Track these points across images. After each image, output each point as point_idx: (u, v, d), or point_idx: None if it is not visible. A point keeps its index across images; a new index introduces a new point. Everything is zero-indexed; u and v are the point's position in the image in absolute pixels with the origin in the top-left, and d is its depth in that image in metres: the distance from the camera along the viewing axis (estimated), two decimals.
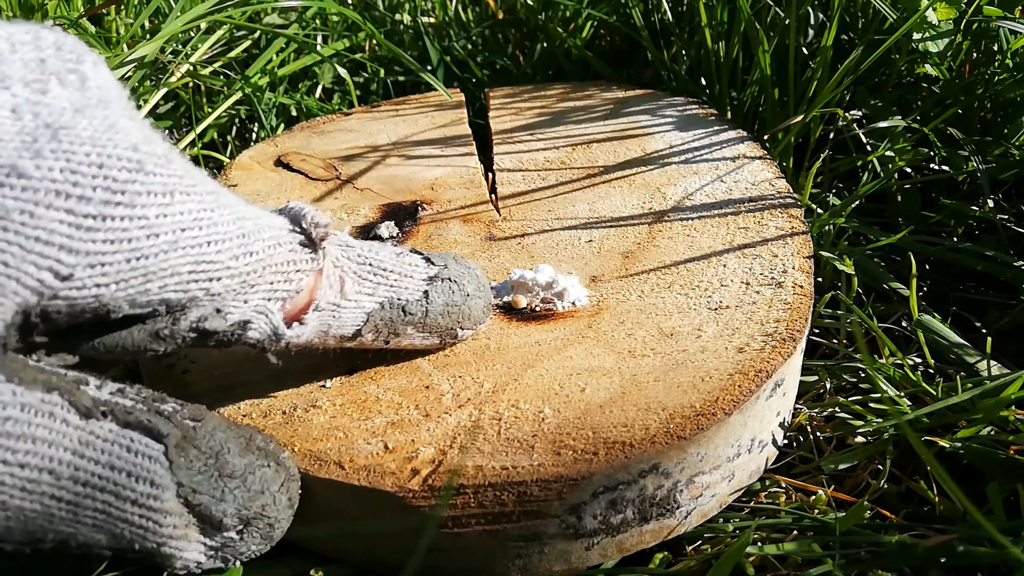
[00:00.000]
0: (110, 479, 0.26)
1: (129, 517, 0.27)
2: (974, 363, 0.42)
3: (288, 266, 0.30)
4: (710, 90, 0.62)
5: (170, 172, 0.26)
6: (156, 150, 0.26)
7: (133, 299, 0.26)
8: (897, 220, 0.54)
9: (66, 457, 0.25)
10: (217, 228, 0.27)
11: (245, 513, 0.29)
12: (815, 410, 0.40)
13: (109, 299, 0.25)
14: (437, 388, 0.35)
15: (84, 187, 0.24)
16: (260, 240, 0.29)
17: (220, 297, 0.28)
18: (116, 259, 0.25)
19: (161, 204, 0.26)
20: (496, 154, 0.54)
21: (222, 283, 0.28)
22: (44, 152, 0.24)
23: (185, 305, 0.27)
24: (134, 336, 0.27)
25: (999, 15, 0.52)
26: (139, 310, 0.26)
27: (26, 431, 0.24)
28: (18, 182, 0.23)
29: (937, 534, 0.32)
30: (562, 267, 0.42)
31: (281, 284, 0.30)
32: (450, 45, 0.73)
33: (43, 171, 0.24)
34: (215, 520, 0.28)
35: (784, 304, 0.38)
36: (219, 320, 0.28)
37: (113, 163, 0.25)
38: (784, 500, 0.37)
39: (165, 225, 0.26)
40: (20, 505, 0.25)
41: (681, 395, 0.33)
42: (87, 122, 0.25)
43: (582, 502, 0.31)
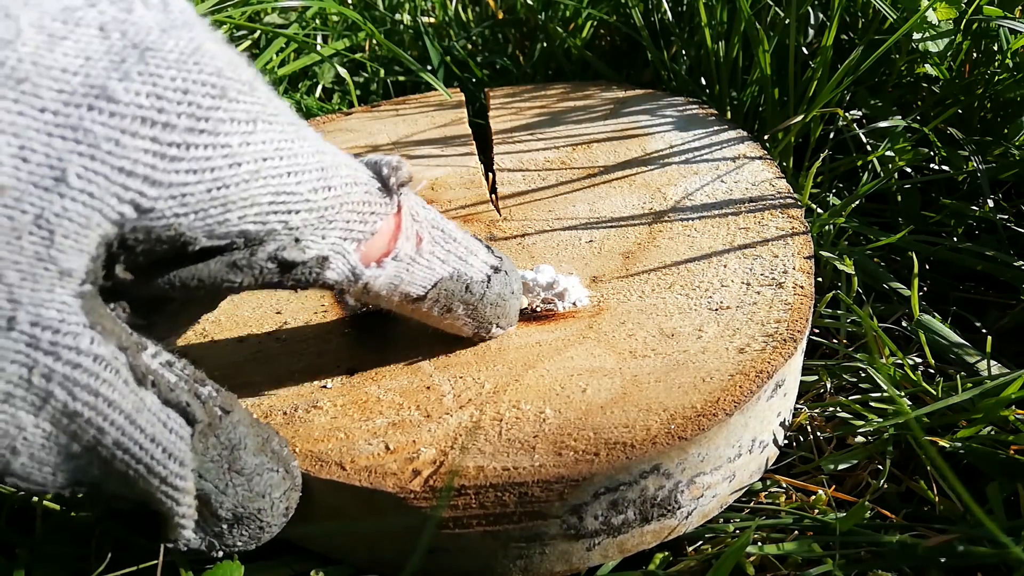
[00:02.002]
0: (148, 451, 0.26)
1: (156, 489, 0.27)
2: (974, 363, 0.42)
3: (364, 207, 0.29)
4: (710, 90, 0.62)
5: (254, 99, 0.26)
6: (241, 75, 0.26)
7: (211, 230, 0.25)
8: (897, 220, 0.54)
9: (119, 420, 0.25)
10: (297, 159, 0.27)
11: (240, 511, 0.29)
12: (815, 410, 0.40)
13: (187, 229, 0.25)
14: (438, 389, 0.35)
15: (169, 114, 0.24)
16: (338, 176, 0.28)
17: (298, 231, 0.27)
18: (197, 189, 0.25)
19: (244, 132, 0.25)
20: (496, 154, 0.54)
21: (300, 216, 0.27)
22: (132, 74, 0.23)
23: (263, 239, 0.27)
24: (211, 268, 0.26)
25: (999, 15, 0.52)
26: (216, 242, 0.26)
27: (92, 383, 0.24)
28: (107, 106, 0.23)
29: (937, 534, 0.32)
30: (563, 267, 0.42)
31: (357, 224, 0.29)
32: (450, 45, 0.73)
33: (131, 95, 0.23)
34: (212, 508, 0.28)
35: (785, 304, 0.38)
36: (297, 251, 0.28)
37: (198, 89, 0.24)
38: (784, 500, 0.37)
39: (247, 154, 0.25)
40: (70, 449, 0.25)
41: (682, 396, 0.33)
42: (173, 43, 0.24)
43: (583, 503, 0.31)
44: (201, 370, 0.29)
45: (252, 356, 0.37)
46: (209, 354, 0.38)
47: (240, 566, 0.32)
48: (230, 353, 0.38)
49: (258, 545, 0.30)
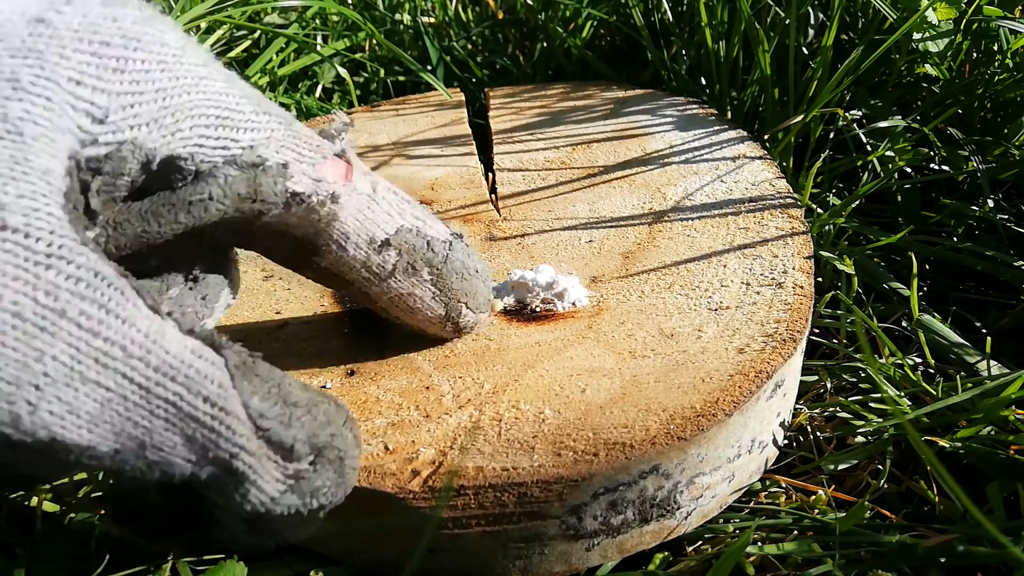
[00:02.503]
0: (180, 370, 0.23)
1: (200, 415, 0.24)
2: (974, 363, 0.42)
3: (308, 138, 0.31)
4: (710, 90, 0.62)
5: (178, 34, 0.28)
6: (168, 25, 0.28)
7: (168, 142, 0.26)
8: (897, 220, 0.54)
9: (138, 337, 0.23)
10: (233, 82, 0.29)
11: (315, 441, 0.26)
12: (815, 410, 0.40)
13: (146, 140, 0.26)
14: (437, 389, 0.35)
15: (104, 34, 0.25)
16: (274, 108, 0.30)
17: (251, 147, 0.28)
18: (144, 98, 0.26)
19: (176, 52, 0.27)
20: (496, 154, 0.54)
21: (249, 135, 0.28)
22: (63, 9, 0.25)
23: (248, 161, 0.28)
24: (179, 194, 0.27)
25: (999, 15, 0.52)
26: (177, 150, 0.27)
27: (100, 298, 0.22)
28: (46, 30, 0.25)
29: (937, 534, 0.32)
30: (562, 267, 0.42)
31: (306, 150, 0.30)
32: (450, 45, 0.73)
33: (66, 19, 0.25)
34: (286, 446, 0.25)
35: (784, 304, 0.38)
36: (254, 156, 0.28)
37: (126, 15, 0.26)
38: (784, 500, 0.37)
39: (183, 69, 0.27)
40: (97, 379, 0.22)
41: (681, 396, 0.33)
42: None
43: (582, 503, 0.31)
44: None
45: None
46: None
47: (243, 566, 0.32)
48: None
49: (345, 492, 0.27)
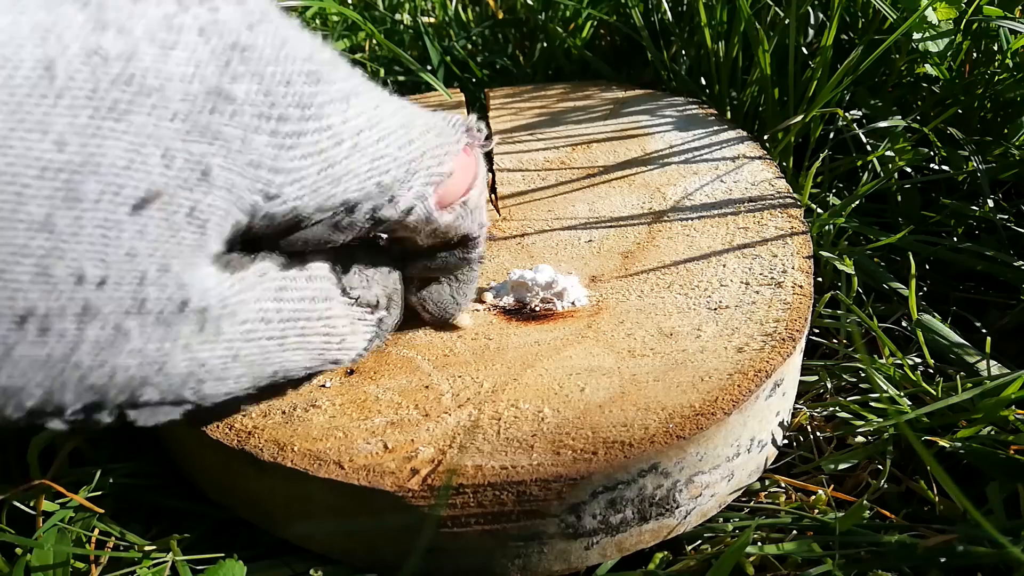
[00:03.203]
0: (301, 308, 0.30)
1: (318, 330, 0.31)
2: (974, 363, 0.42)
3: (438, 149, 0.32)
4: (710, 90, 0.62)
5: (342, 76, 0.28)
6: (325, 56, 0.28)
7: (321, 204, 0.28)
8: (897, 220, 0.54)
9: (271, 305, 0.29)
10: (384, 124, 0.29)
11: (387, 291, 0.34)
12: (815, 410, 0.40)
13: (303, 208, 0.27)
14: (436, 388, 0.35)
15: (281, 107, 0.26)
16: (416, 128, 0.31)
17: (390, 188, 0.30)
18: (311, 172, 0.27)
19: (341, 110, 0.28)
20: (496, 154, 0.54)
21: (391, 174, 0.30)
22: (240, 73, 0.25)
23: (360, 200, 0.29)
24: (314, 231, 0.29)
25: (999, 15, 0.52)
26: (324, 214, 0.28)
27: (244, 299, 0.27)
28: (228, 107, 0.25)
29: (937, 534, 0.32)
30: (562, 267, 0.42)
31: (435, 167, 0.31)
32: (450, 45, 0.73)
33: (245, 93, 0.25)
34: (371, 304, 0.33)
35: (784, 304, 0.38)
36: (391, 209, 0.30)
37: (297, 78, 0.26)
38: (784, 500, 0.37)
39: (347, 131, 0.28)
40: (246, 353, 0.28)
41: (680, 395, 0.33)
42: (263, 39, 0.26)
43: (581, 502, 0.31)
44: None
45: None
46: None
47: (242, 565, 0.32)
48: None
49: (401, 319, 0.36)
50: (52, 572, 0.33)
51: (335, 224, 0.29)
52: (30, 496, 0.36)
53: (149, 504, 0.38)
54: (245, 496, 0.35)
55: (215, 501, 0.36)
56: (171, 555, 0.33)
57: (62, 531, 0.34)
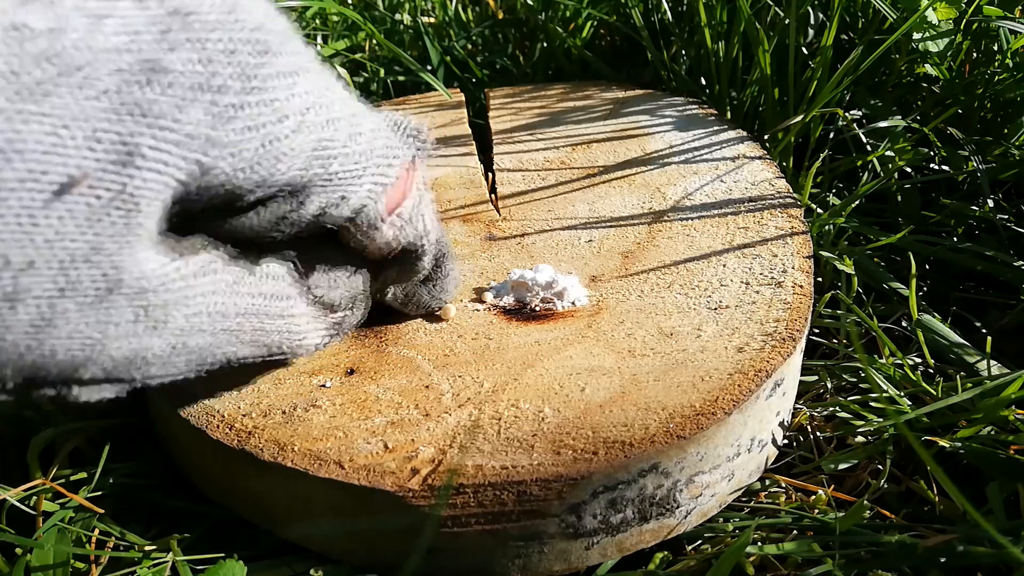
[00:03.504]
0: (260, 304, 0.30)
1: (277, 328, 0.31)
2: (974, 363, 0.42)
3: (388, 151, 0.31)
4: (710, 90, 0.62)
5: (293, 49, 0.27)
6: (278, 26, 0.27)
7: (262, 181, 0.27)
8: (897, 220, 0.54)
9: (226, 299, 0.28)
10: (333, 108, 0.28)
11: (352, 292, 0.34)
12: (815, 410, 0.40)
13: (242, 182, 0.26)
14: (437, 388, 0.35)
15: (222, 76, 0.25)
16: (366, 122, 0.30)
17: (338, 177, 0.29)
18: (251, 145, 0.26)
19: (288, 85, 0.27)
20: (496, 154, 0.54)
21: (339, 162, 0.29)
22: (179, 43, 0.24)
23: (306, 186, 0.28)
24: (261, 218, 0.29)
25: (999, 15, 0.52)
26: (265, 191, 0.27)
27: (196, 290, 0.27)
28: (164, 78, 0.24)
29: (937, 534, 0.32)
30: (562, 267, 0.42)
31: (384, 169, 0.31)
32: (450, 45, 0.73)
33: (183, 64, 0.24)
34: (333, 304, 0.33)
35: (784, 304, 0.38)
36: (344, 207, 0.30)
37: (243, 47, 0.25)
38: (784, 500, 0.37)
39: (293, 107, 0.27)
40: (196, 342, 0.28)
41: (681, 395, 0.33)
42: (209, 3, 0.25)
43: (582, 501, 0.31)
44: None
45: None
46: None
47: (242, 565, 0.32)
48: None
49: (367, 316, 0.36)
50: (52, 572, 0.33)
51: (283, 216, 0.29)
52: (30, 496, 0.36)
53: (149, 504, 0.38)
54: (245, 496, 0.35)
55: (215, 501, 0.36)
56: (171, 555, 0.33)
57: (62, 531, 0.34)
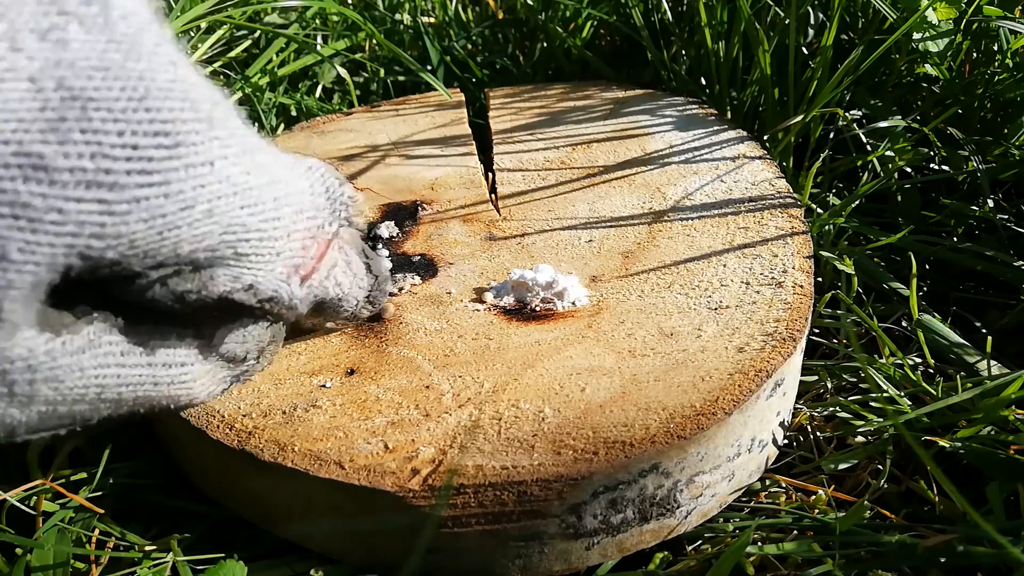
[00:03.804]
0: (149, 374, 0.29)
1: (166, 393, 0.30)
2: (974, 363, 0.42)
3: (307, 233, 0.30)
4: (710, 90, 0.62)
5: (211, 137, 0.25)
6: (199, 111, 0.24)
7: (158, 263, 0.25)
8: (897, 220, 0.54)
9: (111, 371, 0.27)
10: (251, 193, 0.27)
11: (262, 345, 0.34)
12: (815, 410, 0.40)
13: (135, 264, 0.25)
14: (437, 388, 0.35)
15: (117, 174, 0.22)
16: (288, 206, 0.28)
17: (248, 259, 0.28)
18: (148, 235, 0.24)
19: (199, 176, 0.24)
20: (496, 154, 0.54)
21: (251, 245, 0.27)
22: (73, 136, 0.21)
23: (212, 264, 0.27)
24: (157, 292, 0.27)
25: (999, 15, 0.52)
26: (164, 271, 0.26)
27: (75, 365, 0.26)
28: (45, 176, 0.21)
29: (937, 534, 0.32)
30: (562, 267, 0.42)
31: (299, 252, 0.30)
32: (450, 45, 0.73)
33: (72, 160, 0.21)
34: (240, 358, 0.33)
35: (784, 304, 0.38)
36: (248, 295, 0.29)
37: (147, 142, 0.23)
38: (784, 500, 0.37)
39: (202, 197, 0.25)
40: (72, 411, 0.27)
41: (681, 395, 0.33)
42: (119, 87, 0.22)
43: (582, 502, 0.31)
44: None
45: None
46: None
47: (242, 566, 0.32)
48: None
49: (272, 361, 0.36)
50: (52, 572, 0.33)
51: (181, 295, 0.27)
52: (30, 496, 0.36)
53: (149, 504, 0.38)
54: (245, 496, 0.35)
55: (215, 501, 0.36)
56: (171, 555, 0.33)
57: (62, 531, 0.34)
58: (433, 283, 0.42)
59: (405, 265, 0.44)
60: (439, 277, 0.43)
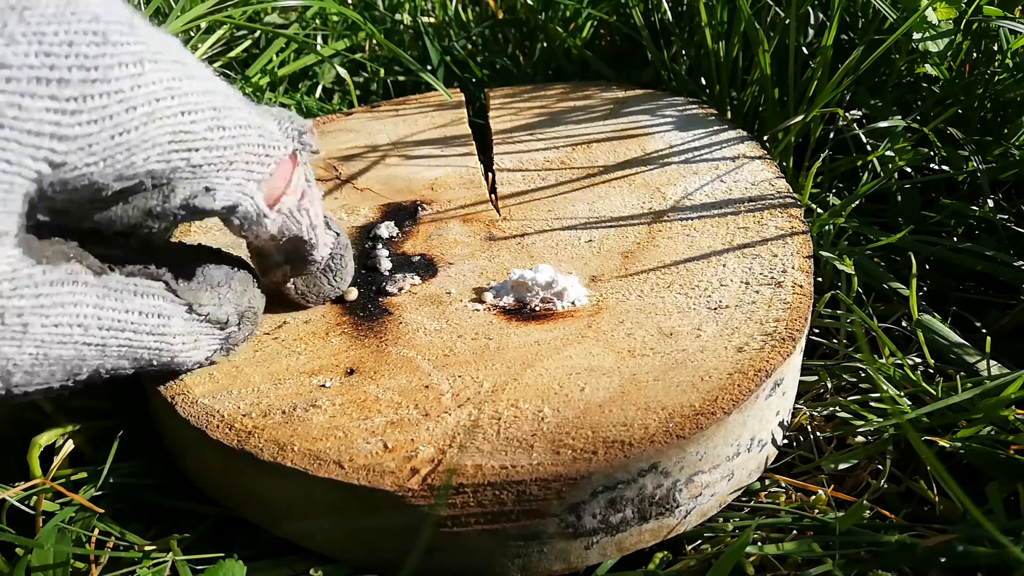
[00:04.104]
0: (127, 320, 0.30)
1: (147, 344, 0.31)
2: (974, 363, 0.42)
3: (260, 148, 0.32)
4: (710, 90, 0.62)
5: (136, 39, 0.27)
6: (118, 16, 0.27)
7: (120, 173, 0.27)
8: (897, 220, 0.54)
9: (90, 311, 0.29)
10: (188, 98, 0.28)
11: (240, 309, 0.35)
12: (815, 410, 0.40)
13: (98, 176, 0.27)
14: (436, 388, 0.35)
15: (61, 69, 0.25)
16: (231, 117, 0.30)
17: (202, 170, 0.30)
18: (101, 138, 0.26)
19: (133, 75, 0.27)
20: (496, 154, 0.54)
21: (200, 155, 0.29)
22: (16, 36, 0.24)
23: (171, 178, 0.29)
24: (129, 213, 0.29)
25: (999, 15, 0.52)
26: (126, 183, 0.28)
27: (56, 299, 0.27)
28: (1, 73, 0.24)
29: (937, 534, 0.32)
30: (562, 267, 0.42)
31: (256, 165, 0.32)
32: (450, 45, 0.73)
33: (20, 58, 0.24)
34: (221, 321, 0.34)
35: (784, 304, 0.38)
36: (208, 199, 0.30)
37: (81, 39, 0.25)
38: (784, 500, 0.37)
39: (140, 97, 0.27)
40: (59, 354, 0.28)
41: (680, 394, 0.33)
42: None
43: (581, 501, 0.31)
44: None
45: (251, 356, 0.37)
46: None
47: (242, 565, 0.32)
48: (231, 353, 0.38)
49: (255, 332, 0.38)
50: (52, 572, 0.33)
51: (149, 210, 0.29)
52: (30, 496, 0.36)
53: (149, 504, 0.38)
54: (245, 496, 0.35)
55: (215, 501, 0.36)
56: (171, 555, 0.33)
57: (62, 531, 0.34)
58: (433, 283, 0.42)
59: (405, 265, 0.44)
60: (439, 277, 0.43)
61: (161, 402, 0.36)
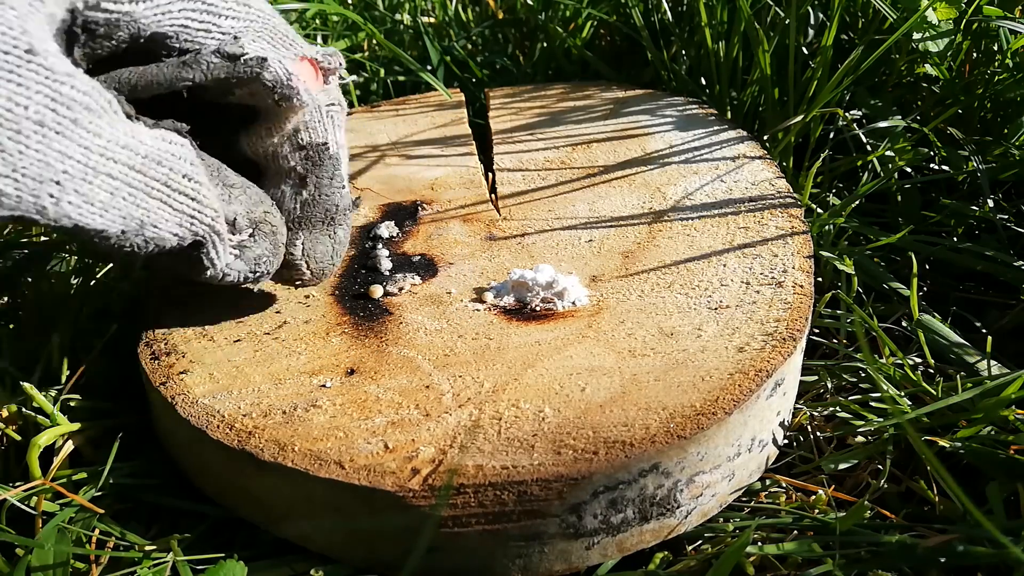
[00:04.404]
0: (165, 150, 0.31)
1: (184, 189, 0.32)
2: (974, 363, 0.42)
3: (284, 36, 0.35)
4: (710, 90, 0.62)
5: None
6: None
7: (159, 19, 0.30)
8: (897, 220, 0.54)
9: (130, 133, 0.30)
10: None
11: (252, 216, 0.34)
12: (815, 410, 0.40)
13: (139, 16, 0.29)
14: (437, 388, 0.35)
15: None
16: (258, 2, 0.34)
17: (229, 27, 0.33)
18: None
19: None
20: (496, 154, 0.54)
21: (229, 22, 0.33)
22: None
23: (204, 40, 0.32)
24: (165, 70, 0.31)
25: (999, 15, 0.52)
26: (165, 29, 0.31)
27: (98, 108, 0.29)
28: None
29: (937, 534, 0.32)
30: (562, 267, 0.42)
31: (280, 44, 0.34)
32: (450, 45, 0.73)
33: None
34: (229, 220, 0.34)
35: (784, 304, 0.38)
36: (236, 47, 0.32)
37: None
38: (784, 500, 0.37)
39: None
40: (108, 172, 0.29)
41: (681, 394, 0.33)
42: None
43: (582, 501, 0.31)
44: None
45: (252, 356, 0.37)
46: (209, 354, 0.38)
47: (242, 566, 0.32)
48: (230, 353, 0.38)
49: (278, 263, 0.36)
50: (52, 572, 0.32)
51: (183, 62, 0.31)
52: (30, 496, 0.36)
53: (149, 504, 0.38)
54: (245, 496, 0.35)
55: (215, 501, 0.36)
56: (171, 555, 0.33)
57: (62, 531, 0.34)
58: (433, 283, 0.42)
59: (405, 265, 0.44)
60: (439, 277, 0.43)
61: (161, 402, 0.36)
